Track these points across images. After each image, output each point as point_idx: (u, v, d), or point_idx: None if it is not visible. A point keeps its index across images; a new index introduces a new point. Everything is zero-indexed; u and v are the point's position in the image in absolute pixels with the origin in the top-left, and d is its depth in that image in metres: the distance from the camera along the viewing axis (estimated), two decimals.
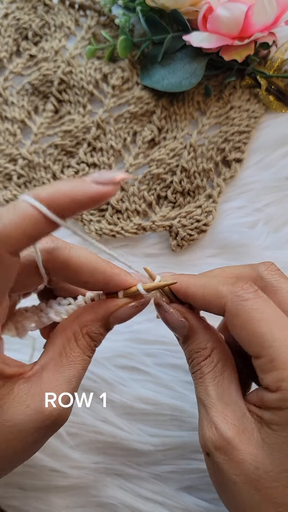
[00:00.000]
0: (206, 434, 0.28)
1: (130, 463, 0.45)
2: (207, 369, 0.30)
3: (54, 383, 0.29)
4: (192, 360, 0.31)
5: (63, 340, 0.30)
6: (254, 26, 0.49)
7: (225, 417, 0.28)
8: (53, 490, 0.44)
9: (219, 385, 0.30)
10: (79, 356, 0.30)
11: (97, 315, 0.31)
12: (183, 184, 0.53)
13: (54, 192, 0.24)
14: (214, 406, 0.29)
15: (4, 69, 0.59)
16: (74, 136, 0.55)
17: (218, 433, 0.28)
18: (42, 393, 0.28)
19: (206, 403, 0.29)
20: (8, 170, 0.54)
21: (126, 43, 0.54)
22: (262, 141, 0.55)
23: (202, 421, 0.30)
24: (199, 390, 0.30)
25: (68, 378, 0.29)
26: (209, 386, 0.30)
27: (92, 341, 0.31)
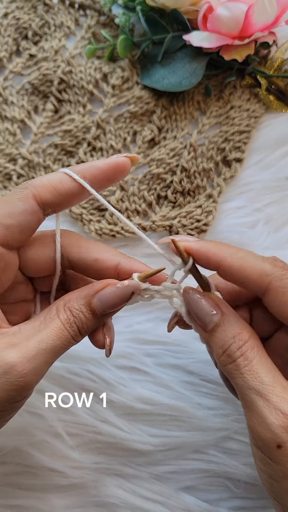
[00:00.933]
0: (273, 423, 0.26)
1: (130, 463, 0.45)
2: (252, 353, 0.28)
3: (24, 338, 0.28)
4: (229, 345, 0.29)
5: (45, 312, 0.31)
6: (254, 25, 0.49)
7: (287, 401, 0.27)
8: (53, 490, 0.44)
9: (270, 370, 0.28)
10: (56, 324, 0.29)
11: (81, 293, 0.31)
12: (183, 184, 0.53)
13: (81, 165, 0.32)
14: (273, 392, 0.27)
15: (4, 69, 0.58)
16: (74, 135, 0.55)
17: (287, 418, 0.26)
18: (8, 343, 0.28)
19: (263, 390, 0.27)
20: (8, 170, 0.54)
21: (126, 43, 0.54)
22: (262, 141, 0.55)
23: (263, 412, 0.27)
24: (249, 379, 0.28)
25: (40, 338, 0.29)
26: (261, 372, 0.28)
27: (72, 316, 0.30)
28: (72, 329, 0.30)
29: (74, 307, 0.30)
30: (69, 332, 0.30)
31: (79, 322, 0.30)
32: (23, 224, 0.30)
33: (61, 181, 0.30)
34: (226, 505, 0.44)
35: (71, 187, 0.31)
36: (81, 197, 0.32)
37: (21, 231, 0.30)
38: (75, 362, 0.47)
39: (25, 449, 0.44)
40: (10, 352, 0.27)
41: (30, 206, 0.30)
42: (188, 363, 0.47)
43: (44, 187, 0.30)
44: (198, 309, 0.30)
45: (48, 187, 0.30)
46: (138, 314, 0.49)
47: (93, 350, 0.47)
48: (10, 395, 0.28)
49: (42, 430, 0.45)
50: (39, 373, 0.29)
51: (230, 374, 0.29)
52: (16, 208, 0.29)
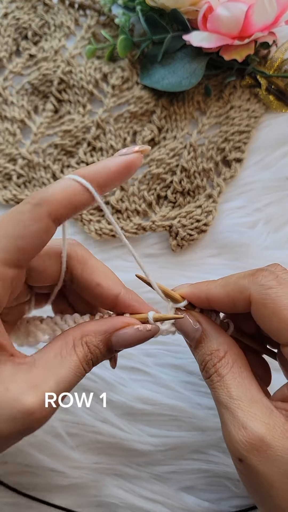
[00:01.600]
0: (235, 437, 0.27)
1: (130, 463, 0.45)
2: (225, 370, 0.29)
3: (42, 377, 0.27)
4: (206, 363, 0.30)
5: (61, 343, 0.30)
6: (254, 25, 0.49)
7: (253, 416, 0.27)
8: (53, 490, 0.44)
9: (240, 385, 0.29)
10: (74, 362, 0.29)
11: (100, 328, 0.30)
12: (183, 184, 0.53)
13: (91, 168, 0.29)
14: (239, 407, 0.27)
15: (4, 69, 0.58)
16: (74, 135, 0.55)
17: (248, 434, 0.26)
18: (27, 382, 0.26)
19: (230, 405, 0.28)
20: (7, 170, 0.54)
21: (126, 43, 0.54)
22: (262, 141, 0.55)
23: (228, 426, 0.28)
24: (219, 393, 0.29)
25: (57, 379, 0.27)
26: (231, 387, 0.28)
27: (89, 353, 0.29)
28: (87, 365, 0.30)
29: (92, 342, 0.30)
30: (84, 368, 0.29)
31: (95, 359, 0.30)
32: (36, 244, 0.28)
33: (75, 193, 0.28)
34: (226, 505, 0.44)
35: (85, 199, 0.29)
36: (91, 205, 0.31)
37: (34, 251, 0.29)
38: None
39: (25, 449, 0.44)
40: (29, 397, 0.26)
41: (45, 226, 0.27)
42: (188, 363, 0.47)
43: (59, 203, 0.28)
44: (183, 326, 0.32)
45: (64, 203, 0.28)
46: None
47: None
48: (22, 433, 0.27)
49: (42, 430, 0.45)
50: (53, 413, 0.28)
51: (209, 387, 0.31)
52: (30, 228, 0.27)
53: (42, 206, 0.27)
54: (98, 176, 0.29)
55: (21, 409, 0.25)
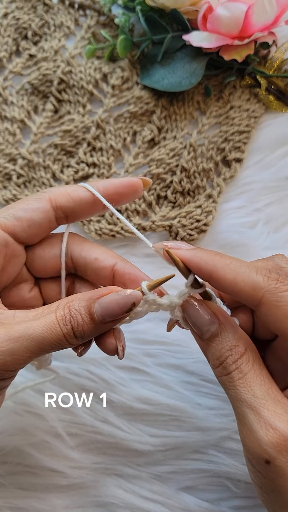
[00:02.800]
0: (263, 438, 0.26)
1: (130, 463, 0.45)
2: (247, 367, 0.28)
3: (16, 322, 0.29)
4: (225, 358, 0.29)
5: (46, 306, 0.31)
6: (254, 25, 0.49)
7: (281, 416, 0.26)
8: (53, 490, 0.44)
9: (263, 384, 0.28)
10: (49, 318, 0.29)
11: (84, 295, 0.30)
12: (183, 184, 0.53)
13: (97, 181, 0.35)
14: (265, 406, 0.27)
15: (4, 69, 0.58)
16: (74, 135, 0.55)
17: (278, 434, 0.25)
18: None
19: (255, 405, 0.27)
20: (7, 170, 0.54)
21: (125, 43, 0.54)
22: (262, 141, 0.55)
23: (253, 426, 0.27)
24: (240, 392, 0.28)
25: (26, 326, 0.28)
26: (254, 386, 0.27)
27: (69, 315, 0.29)
28: (65, 327, 0.29)
29: (74, 306, 0.30)
30: (61, 329, 0.29)
31: (74, 322, 0.29)
32: (34, 219, 0.32)
33: (76, 190, 0.34)
34: (226, 505, 0.44)
35: (85, 196, 0.34)
36: (94, 208, 0.35)
37: (30, 225, 0.32)
38: (75, 362, 0.47)
39: (25, 449, 0.44)
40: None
41: (43, 205, 0.33)
42: (188, 363, 0.47)
43: (59, 192, 0.33)
44: (195, 317, 0.30)
45: (63, 193, 0.33)
46: None
47: (93, 350, 0.47)
48: None
49: (42, 430, 0.45)
50: (17, 357, 0.28)
51: (224, 385, 0.29)
52: (30, 204, 0.33)
53: (45, 192, 0.33)
54: (100, 185, 0.34)
55: None
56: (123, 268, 0.33)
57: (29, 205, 0.33)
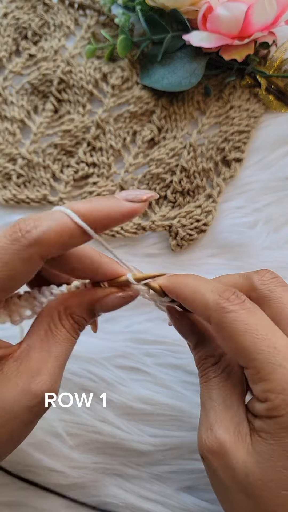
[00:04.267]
0: (202, 436, 0.28)
1: (130, 463, 0.45)
2: (213, 374, 0.31)
3: (42, 361, 0.29)
4: (201, 365, 0.32)
5: (48, 320, 0.31)
6: (254, 25, 0.49)
7: (222, 421, 0.28)
8: None
9: (222, 390, 0.30)
10: (64, 335, 0.30)
11: (82, 300, 0.31)
12: (183, 184, 0.53)
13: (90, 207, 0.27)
14: (214, 409, 0.29)
15: (4, 69, 0.58)
16: (74, 135, 0.55)
17: (213, 436, 0.28)
18: (30, 371, 0.28)
19: (207, 406, 0.30)
20: (7, 170, 0.54)
21: (125, 43, 0.54)
22: (262, 141, 0.55)
23: (200, 424, 0.30)
24: (203, 394, 0.31)
25: (55, 355, 0.29)
26: (212, 390, 0.30)
27: (75, 323, 0.31)
28: (76, 334, 0.31)
29: (76, 313, 0.31)
30: (74, 338, 0.31)
31: (81, 328, 0.32)
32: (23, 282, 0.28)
33: (71, 236, 0.27)
34: None
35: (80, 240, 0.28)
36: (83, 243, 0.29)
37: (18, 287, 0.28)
38: (75, 362, 0.47)
39: (25, 449, 0.44)
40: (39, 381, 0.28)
41: (35, 266, 0.27)
42: (188, 363, 0.47)
43: (53, 245, 0.26)
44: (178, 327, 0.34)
45: (57, 245, 0.26)
46: (138, 314, 0.49)
47: (93, 350, 0.47)
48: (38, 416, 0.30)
49: (42, 430, 0.45)
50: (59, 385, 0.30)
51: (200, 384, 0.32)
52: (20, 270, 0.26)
53: (34, 248, 0.25)
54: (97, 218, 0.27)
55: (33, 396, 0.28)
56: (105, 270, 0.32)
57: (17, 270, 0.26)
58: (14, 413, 0.27)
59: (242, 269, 0.50)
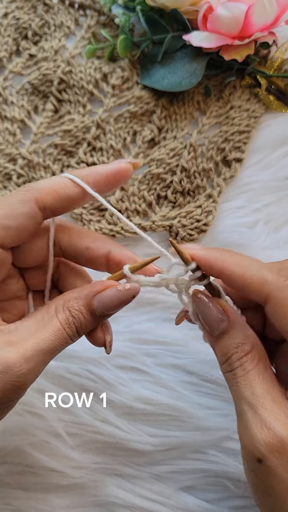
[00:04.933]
0: (257, 436, 0.26)
1: (130, 463, 0.45)
2: (250, 365, 0.28)
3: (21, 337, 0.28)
4: (231, 355, 0.29)
5: (44, 311, 0.30)
6: (254, 25, 0.49)
7: (277, 417, 0.26)
8: (53, 490, 0.44)
9: (264, 383, 0.28)
10: (55, 325, 0.29)
11: (81, 293, 0.31)
12: (183, 184, 0.53)
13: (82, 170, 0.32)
14: (263, 405, 0.27)
15: (4, 69, 0.58)
16: (74, 135, 0.55)
17: (272, 434, 0.25)
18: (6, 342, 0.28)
19: (253, 402, 0.27)
20: (7, 170, 0.54)
21: (126, 43, 0.54)
22: (262, 141, 0.55)
23: (249, 423, 0.27)
24: (241, 389, 0.28)
25: (38, 339, 0.28)
26: (255, 384, 0.27)
27: (71, 316, 0.30)
28: (70, 329, 0.30)
29: (74, 307, 0.30)
30: (67, 333, 0.30)
31: (78, 323, 0.30)
32: (22, 226, 0.30)
33: (64, 186, 0.31)
34: (226, 505, 0.44)
35: (73, 192, 0.31)
36: (82, 202, 0.32)
37: (19, 233, 0.30)
38: (75, 362, 0.47)
39: (25, 449, 0.44)
40: (8, 351, 0.27)
41: (31, 209, 0.30)
42: (188, 363, 0.47)
43: (46, 191, 0.30)
44: (205, 314, 0.31)
45: (51, 192, 0.30)
46: (138, 314, 0.49)
47: (93, 350, 0.47)
48: (5, 394, 0.28)
49: (42, 430, 0.45)
50: (36, 373, 0.29)
51: (228, 381, 0.29)
52: (17, 210, 0.29)
53: (29, 191, 0.30)
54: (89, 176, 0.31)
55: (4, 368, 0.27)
56: (118, 254, 0.33)
57: (15, 211, 0.29)
58: None
59: None
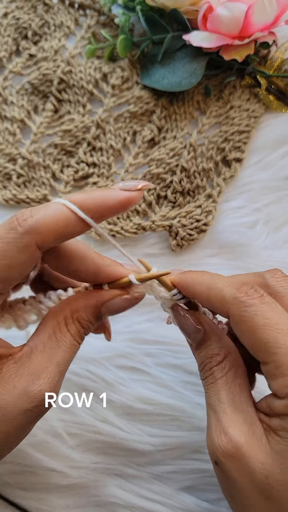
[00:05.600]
0: (215, 440, 0.27)
1: (130, 463, 0.45)
2: (219, 374, 0.30)
3: (43, 365, 0.28)
4: (204, 365, 0.31)
5: (54, 324, 0.30)
6: (254, 25, 0.49)
7: (236, 423, 0.27)
8: (53, 490, 0.44)
9: (230, 391, 0.29)
10: (69, 341, 0.30)
11: (89, 303, 0.31)
12: (183, 183, 0.53)
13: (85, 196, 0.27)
14: (225, 412, 0.28)
15: (4, 69, 0.58)
16: (74, 135, 0.55)
17: (227, 439, 0.27)
18: (30, 374, 0.28)
19: (217, 408, 0.29)
20: (7, 170, 0.54)
21: (126, 43, 0.54)
22: (262, 141, 0.55)
23: (211, 428, 0.29)
24: (210, 395, 0.30)
25: (57, 361, 0.29)
26: (221, 391, 0.29)
27: (81, 328, 0.31)
28: (81, 339, 0.31)
29: (83, 318, 0.31)
30: (78, 343, 0.31)
31: (87, 332, 0.31)
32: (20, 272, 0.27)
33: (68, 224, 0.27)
34: (226, 505, 0.44)
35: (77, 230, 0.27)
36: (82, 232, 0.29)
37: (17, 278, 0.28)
38: (75, 362, 0.46)
39: (25, 449, 0.44)
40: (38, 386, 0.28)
41: (32, 255, 0.26)
42: (188, 363, 0.47)
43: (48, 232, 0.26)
44: (182, 325, 0.33)
45: (53, 233, 0.26)
46: (138, 314, 0.49)
47: (93, 350, 0.47)
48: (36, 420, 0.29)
49: (42, 430, 0.45)
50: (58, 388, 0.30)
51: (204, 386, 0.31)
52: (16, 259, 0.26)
53: (30, 235, 0.26)
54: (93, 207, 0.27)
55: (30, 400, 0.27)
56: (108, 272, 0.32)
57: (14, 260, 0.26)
58: (10, 415, 0.27)
59: (242, 269, 0.50)
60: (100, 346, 0.47)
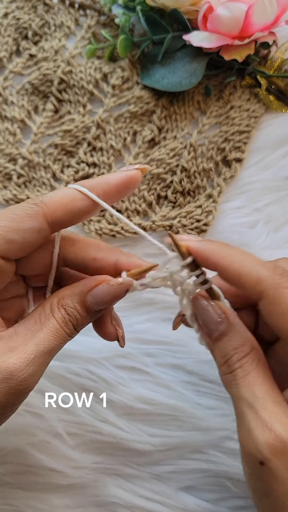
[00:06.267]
0: (258, 438, 0.25)
1: (130, 463, 0.45)
2: (250, 366, 0.28)
3: (21, 343, 0.28)
4: (230, 357, 0.29)
5: (40, 310, 0.30)
6: (254, 25, 0.49)
7: (278, 417, 0.26)
8: (53, 490, 0.44)
9: (264, 384, 0.27)
10: (52, 324, 0.29)
11: (75, 290, 0.31)
12: (183, 184, 0.53)
13: (90, 180, 0.31)
14: (265, 407, 0.26)
15: (4, 69, 0.58)
16: (74, 135, 0.55)
17: (273, 435, 0.25)
18: (5, 348, 0.28)
19: (254, 403, 0.26)
20: (8, 170, 0.54)
21: (126, 43, 0.54)
22: (262, 141, 0.55)
23: (250, 425, 0.26)
24: (242, 390, 0.28)
25: (36, 341, 0.29)
26: (255, 385, 0.27)
27: (67, 315, 0.30)
28: (67, 327, 0.30)
29: (68, 305, 0.30)
30: (65, 331, 0.30)
31: (74, 320, 0.30)
32: (27, 241, 0.29)
33: (73, 198, 0.30)
34: (226, 505, 0.44)
35: (83, 205, 0.30)
36: (92, 213, 0.31)
37: (24, 247, 0.30)
38: (75, 362, 0.47)
39: (25, 449, 0.44)
40: (9, 357, 0.28)
41: (39, 224, 0.29)
42: (188, 363, 0.47)
43: (55, 205, 0.30)
44: (205, 316, 0.31)
45: (60, 206, 0.30)
46: (138, 314, 0.49)
47: (93, 350, 0.47)
48: (9, 399, 0.28)
49: (42, 430, 0.45)
50: (38, 375, 0.29)
51: (227, 383, 0.29)
52: (23, 224, 0.29)
53: (38, 206, 0.29)
54: (98, 187, 0.30)
55: (2, 370, 0.27)
56: (126, 263, 0.32)
57: (23, 225, 0.29)
58: None
59: None
60: (100, 346, 0.47)
